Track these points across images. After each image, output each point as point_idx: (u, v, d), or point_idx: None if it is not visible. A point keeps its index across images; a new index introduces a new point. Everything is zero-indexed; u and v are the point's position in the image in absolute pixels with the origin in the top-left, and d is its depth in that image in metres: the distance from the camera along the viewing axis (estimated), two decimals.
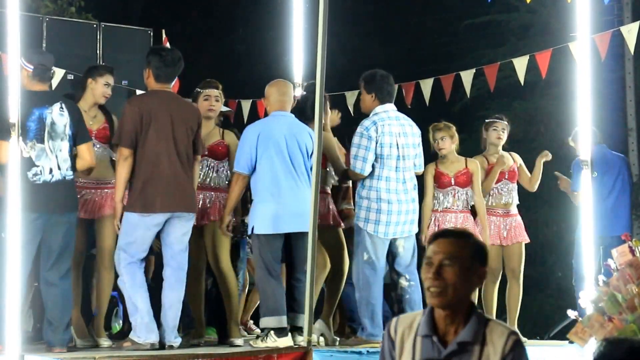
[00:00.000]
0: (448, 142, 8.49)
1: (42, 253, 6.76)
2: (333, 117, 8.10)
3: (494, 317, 4.00)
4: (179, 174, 7.01)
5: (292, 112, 7.49)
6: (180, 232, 7.04)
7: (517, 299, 8.70)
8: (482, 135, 8.92)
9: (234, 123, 9.40)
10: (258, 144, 7.19)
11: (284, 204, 7.08)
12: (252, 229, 7.19)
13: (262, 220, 7.14)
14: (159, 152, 6.95)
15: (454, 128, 8.58)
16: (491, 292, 8.67)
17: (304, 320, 6.72)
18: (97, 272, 7.44)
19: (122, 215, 6.97)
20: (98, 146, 7.41)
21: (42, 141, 6.71)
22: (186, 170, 7.06)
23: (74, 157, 6.89)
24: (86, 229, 7.39)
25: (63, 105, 6.87)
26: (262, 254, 7.15)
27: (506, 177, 8.77)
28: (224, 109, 8.43)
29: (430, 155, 8.38)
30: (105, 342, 7.29)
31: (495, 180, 8.69)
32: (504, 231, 8.68)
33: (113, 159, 7.40)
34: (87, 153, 6.94)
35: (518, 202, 8.81)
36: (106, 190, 7.38)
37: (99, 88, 7.47)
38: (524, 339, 4.19)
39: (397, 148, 7.48)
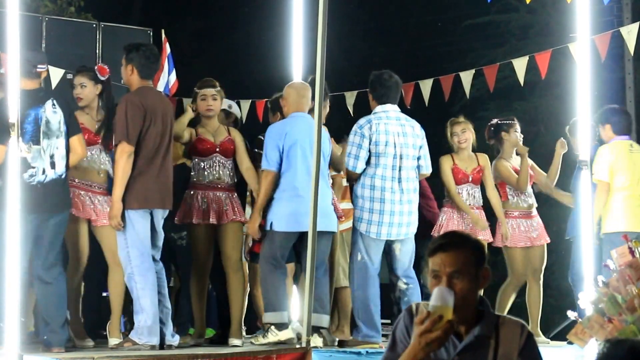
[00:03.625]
0: (469, 134, 8.52)
1: (37, 253, 6.73)
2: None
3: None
4: (168, 171, 7.06)
5: None
6: (161, 232, 7.09)
7: (539, 300, 8.69)
8: (499, 138, 8.81)
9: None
10: (285, 142, 7.19)
11: (304, 203, 7.04)
12: (271, 224, 7.19)
13: (282, 217, 7.16)
14: (156, 149, 6.97)
15: (471, 123, 8.61)
16: (509, 295, 8.66)
17: (304, 319, 6.71)
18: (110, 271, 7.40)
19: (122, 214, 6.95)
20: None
21: (37, 142, 6.69)
22: (172, 168, 7.14)
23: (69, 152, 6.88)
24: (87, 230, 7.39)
25: (55, 102, 6.84)
26: (273, 249, 7.16)
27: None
28: (235, 109, 8.44)
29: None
30: (114, 341, 7.25)
31: (528, 176, 8.61)
32: (533, 232, 8.67)
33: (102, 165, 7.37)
34: (79, 145, 6.92)
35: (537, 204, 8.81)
36: (99, 196, 7.37)
37: (74, 91, 7.45)
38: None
39: (394, 147, 7.46)
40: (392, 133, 7.47)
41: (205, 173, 7.60)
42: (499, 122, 8.88)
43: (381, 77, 7.64)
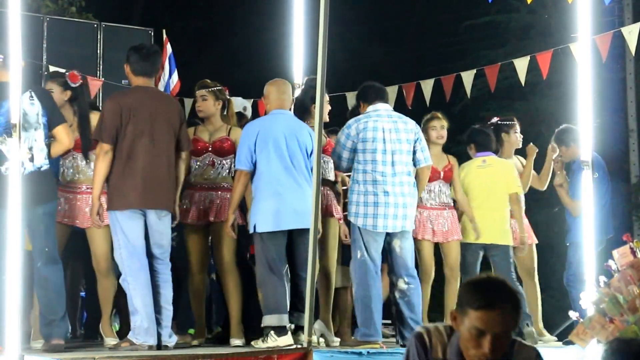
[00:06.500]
0: (445, 132, 8.50)
1: (33, 246, 6.68)
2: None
3: None
4: (156, 171, 6.92)
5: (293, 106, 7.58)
6: (160, 232, 6.98)
7: (537, 299, 8.72)
8: (499, 139, 8.79)
9: None
10: (257, 142, 7.19)
11: (285, 201, 7.05)
12: (254, 227, 7.18)
13: (263, 217, 7.13)
14: (136, 148, 6.89)
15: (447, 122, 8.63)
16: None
17: (305, 320, 6.70)
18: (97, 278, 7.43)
19: (99, 211, 6.96)
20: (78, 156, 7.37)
21: (12, 134, 6.57)
22: (165, 168, 6.98)
23: (49, 145, 6.80)
24: (69, 234, 7.38)
25: (33, 94, 6.76)
26: (265, 251, 7.14)
27: None
28: (243, 105, 8.41)
29: None
30: (112, 340, 7.28)
31: (530, 178, 8.70)
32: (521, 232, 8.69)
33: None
34: (65, 135, 6.86)
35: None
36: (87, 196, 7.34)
37: None
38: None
39: (384, 142, 7.46)
40: (381, 129, 7.48)
41: (196, 173, 7.61)
42: (500, 122, 8.87)
43: (365, 85, 7.76)
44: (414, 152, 7.60)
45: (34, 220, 6.64)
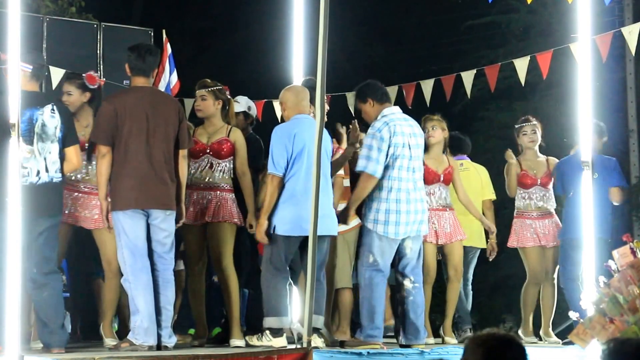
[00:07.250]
0: (439, 132, 8.46)
1: (30, 255, 6.62)
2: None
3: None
4: (153, 170, 6.92)
5: None
6: (161, 233, 6.97)
7: (552, 302, 8.71)
8: (516, 140, 8.89)
9: None
10: (294, 145, 7.17)
11: (307, 207, 7.02)
12: (274, 228, 7.16)
13: (285, 221, 7.13)
14: (132, 148, 6.89)
15: (445, 123, 8.57)
16: (531, 293, 8.67)
17: (305, 319, 6.70)
18: (105, 278, 7.44)
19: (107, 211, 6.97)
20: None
21: (30, 142, 6.65)
22: (163, 167, 6.97)
23: (63, 159, 6.85)
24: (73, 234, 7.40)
25: (55, 107, 6.82)
26: (277, 253, 7.14)
27: (538, 183, 8.71)
28: (248, 105, 8.39)
29: None
30: (112, 341, 7.29)
31: (514, 184, 8.67)
32: (543, 233, 8.66)
33: None
34: (75, 156, 6.90)
35: (555, 206, 8.77)
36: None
37: (62, 97, 7.42)
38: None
39: (409, 148, 7.47)
40: (406, 134, 7.49)
41: (194, 174, 7.60)
42: (515, 125, 8.91)
43: (368, 83, 7.68)
44: None
45: (38, 229, 6.62)
